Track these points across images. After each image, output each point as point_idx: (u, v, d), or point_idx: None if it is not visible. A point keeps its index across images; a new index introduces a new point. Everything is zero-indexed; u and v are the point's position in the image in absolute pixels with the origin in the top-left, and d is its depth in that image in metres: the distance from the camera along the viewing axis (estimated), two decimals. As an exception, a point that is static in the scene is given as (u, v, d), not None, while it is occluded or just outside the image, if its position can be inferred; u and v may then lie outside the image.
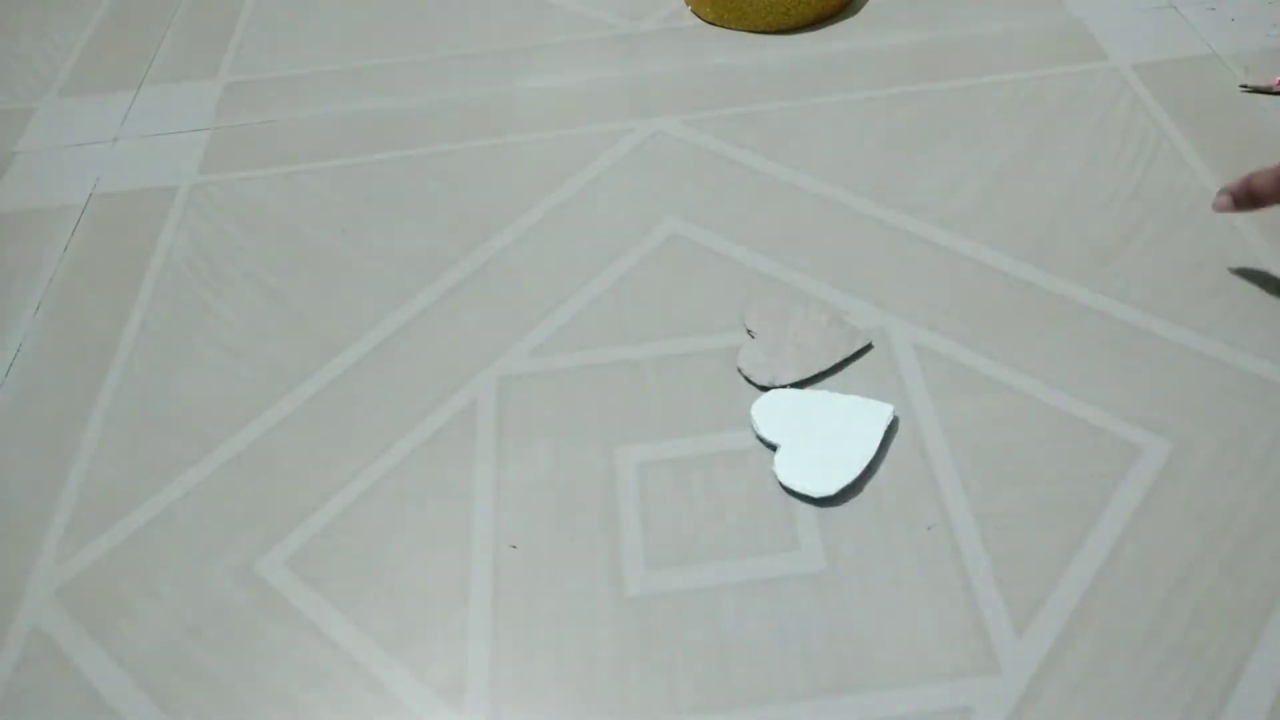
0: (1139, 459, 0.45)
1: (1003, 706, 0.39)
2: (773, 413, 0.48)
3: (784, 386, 0.49)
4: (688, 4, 0.75)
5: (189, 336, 0.56)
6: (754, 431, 0.48)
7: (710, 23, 0.73)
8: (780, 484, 0.46)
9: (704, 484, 0.47)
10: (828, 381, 0.49)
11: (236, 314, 0.57)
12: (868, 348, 0.50)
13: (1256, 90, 0.61)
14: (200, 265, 0.61)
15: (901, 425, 0.48)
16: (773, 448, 0.47)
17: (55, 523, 0.49)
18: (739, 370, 0.50)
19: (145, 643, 0.44)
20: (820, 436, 0.47)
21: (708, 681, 0.41)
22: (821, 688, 0.40)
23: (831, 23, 0.72)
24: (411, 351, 0.54)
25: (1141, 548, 0.42)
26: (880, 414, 0.47)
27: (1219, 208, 0.51)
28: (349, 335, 0.55)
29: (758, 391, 0.50)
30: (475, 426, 0.50)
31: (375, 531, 0.47)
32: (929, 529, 0.44)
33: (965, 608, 0.41)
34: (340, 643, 0.43)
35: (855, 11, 0.72)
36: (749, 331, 0.51)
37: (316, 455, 0.50)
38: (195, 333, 0.57)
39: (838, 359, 0.50)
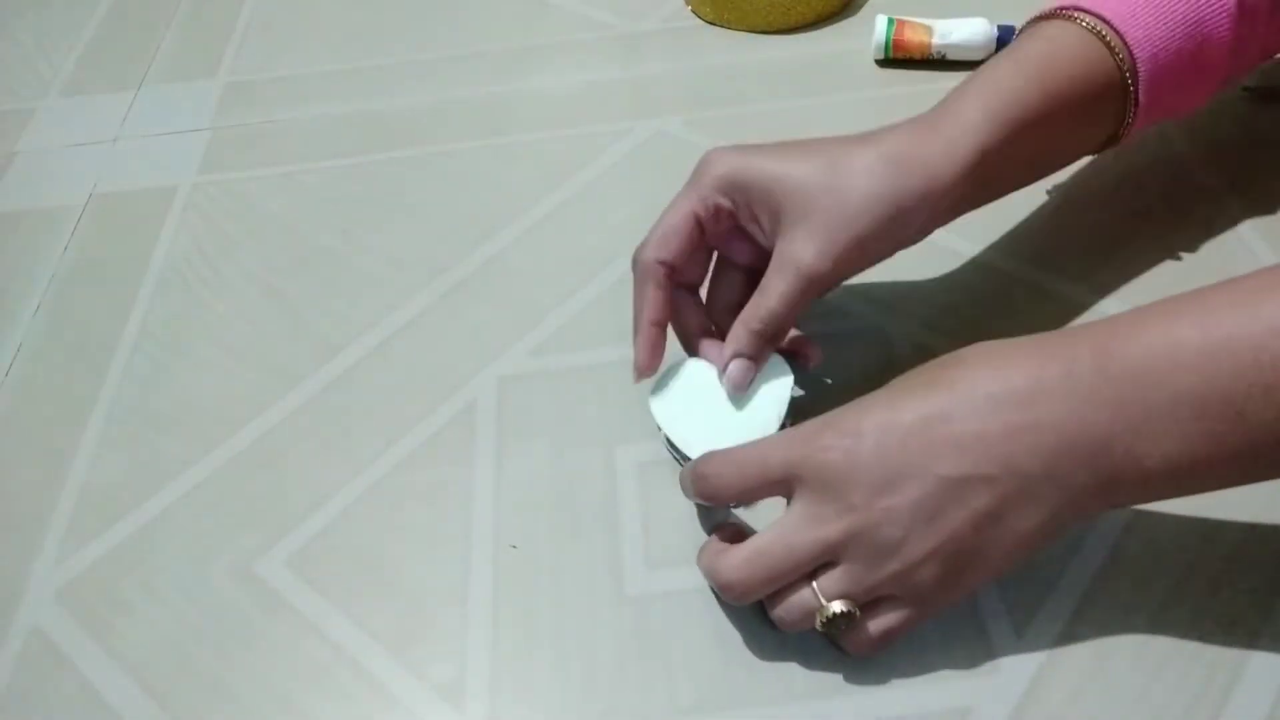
0: (1139, 459, 0.45)
1: (1003, 706, 0.39)
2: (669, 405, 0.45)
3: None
4: (688, 4, 0.75)
5: (189, 336, 0.56)
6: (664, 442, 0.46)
7: (710, 23, 0.73)
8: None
9: (704, 484, 0.47)
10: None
11: (236, 314, 0.57)
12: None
13: (1258, 92, 0.61)
14: (200, 265, 0.61)
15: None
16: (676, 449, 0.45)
17: (55, 523, 0.49)
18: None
19: (145, 643, 0.44)
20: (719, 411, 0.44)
21: (708, 681, 0.41)
22: (821, 688, 0.40)
23: (831, 23, 0.72)
24: (411, 351, 0.54)
25: (1141, 548, 0.42)
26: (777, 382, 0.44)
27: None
28: (349, 335, 0.55)
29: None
30: (475, 426, 0.50)
31: (375, 531, 0.47)
32: None
33: (965, 608, 0.41)
34: (340, 643, 0.43)
35: (855, 11, 0.72)
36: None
37: (316, 455, 0.50)
38: (195, 333, 0.57)
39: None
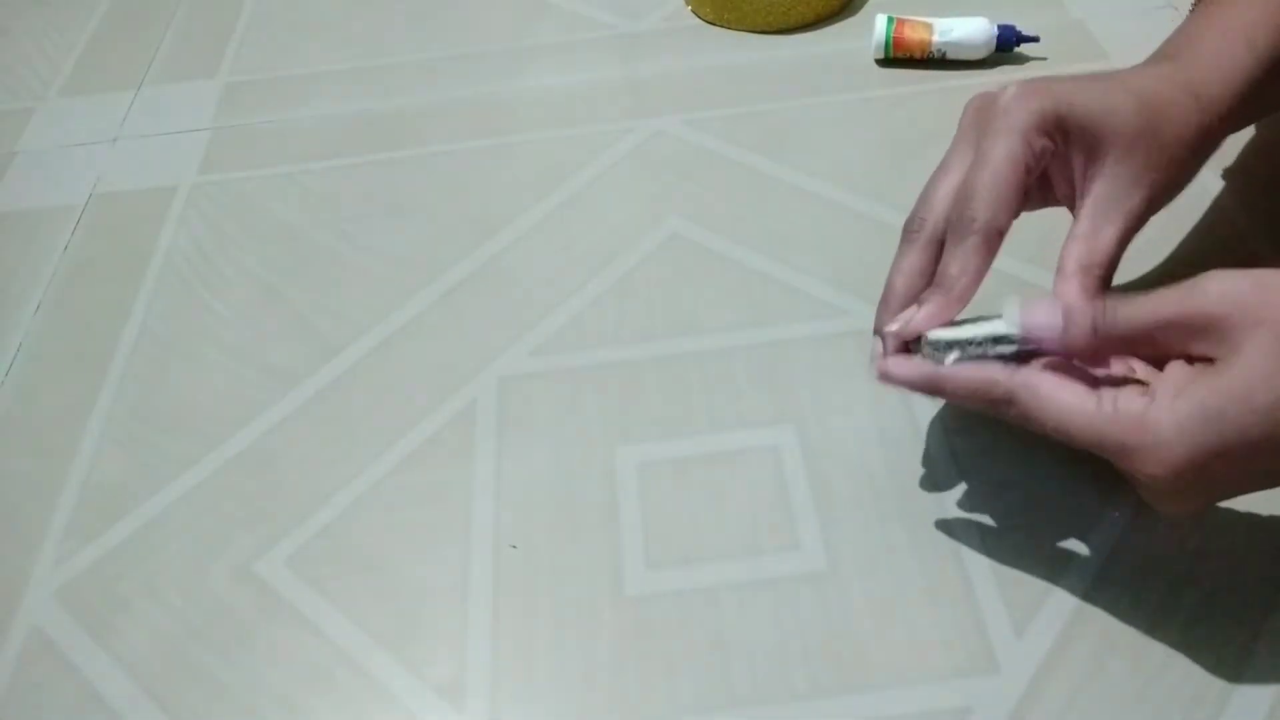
0: (1139, 459, 0.45)
1: (1003, 706, 0.39)
2: None
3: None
4: (688, 4, 0.75)
5: (189, 336, 0.56)
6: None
7: (710, 23, 0.73)
8: None
9: (704, 484, 0.47)
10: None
11: (236, 314, 0.57)
12: None
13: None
14: (200, 265, 0.61)
15: (903, 425, 0.48)
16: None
17: (55, 523, 0.49)
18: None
19: (145, 643, 0.44)
20: None
21: (708, 681, 0.41)
22: (821, 688, 0.40)
23: (831, 23, 0.72)
24: (411, 351, 0.54)
25: (1141, 548, 0.42)
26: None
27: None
28: (349, 335, 0.55)
29: (759, 389, 0.49)
30: (475, 426, 0.50)
31: (375, 531, 0.47)
32: None
33: (965, 608, 0.41)
34: (340, 643, 0.43)
35: (855, 11, 0.72)
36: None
37: (316, 455, 0.50)
38: (195, 333, 0.57)
39: None
